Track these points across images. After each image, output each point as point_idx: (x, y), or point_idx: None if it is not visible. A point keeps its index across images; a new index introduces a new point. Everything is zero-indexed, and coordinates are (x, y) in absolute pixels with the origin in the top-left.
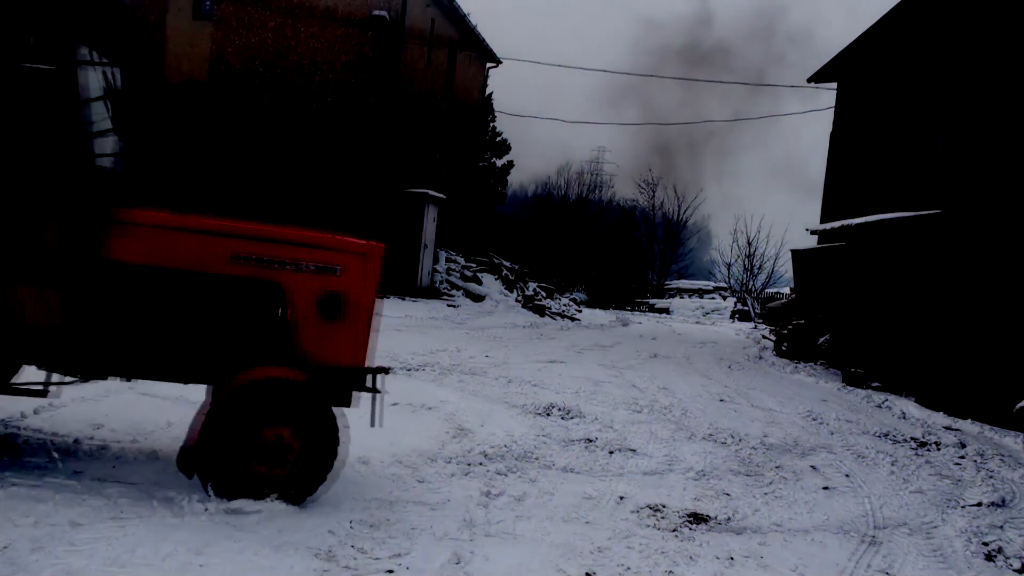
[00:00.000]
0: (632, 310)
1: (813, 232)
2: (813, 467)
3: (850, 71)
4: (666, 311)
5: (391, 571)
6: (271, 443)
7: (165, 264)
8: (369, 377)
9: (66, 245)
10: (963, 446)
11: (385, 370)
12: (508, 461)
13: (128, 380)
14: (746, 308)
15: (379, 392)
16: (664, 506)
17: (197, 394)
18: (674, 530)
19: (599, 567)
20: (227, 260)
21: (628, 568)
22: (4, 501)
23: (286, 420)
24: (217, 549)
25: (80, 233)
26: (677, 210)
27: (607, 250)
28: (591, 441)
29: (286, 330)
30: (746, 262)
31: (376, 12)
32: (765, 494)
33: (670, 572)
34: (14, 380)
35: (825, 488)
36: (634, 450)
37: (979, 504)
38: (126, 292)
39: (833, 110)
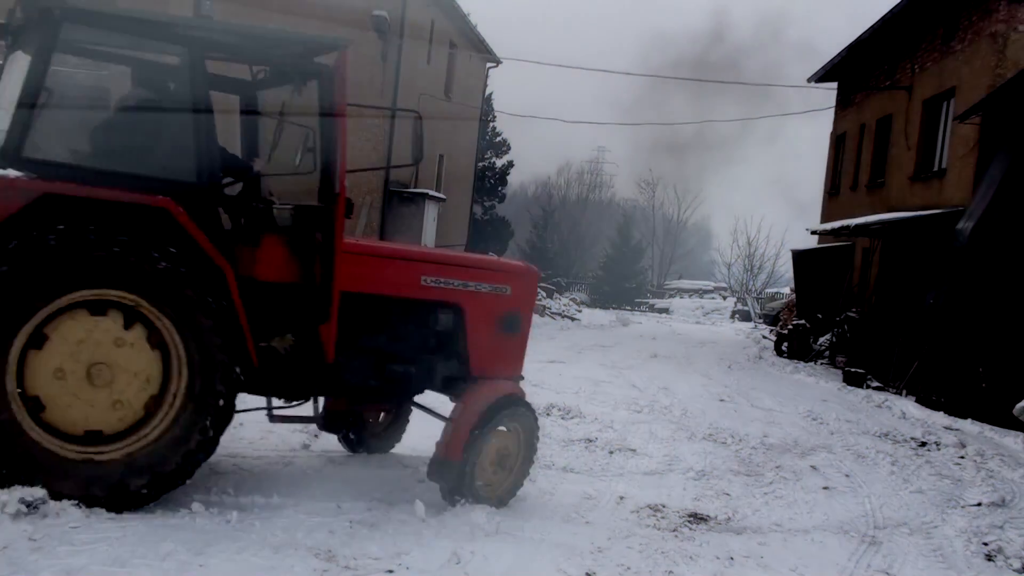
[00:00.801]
0: (632, 310)
1: (813, 232)
2: (813, 467)
3: (851, 71)
4: (666, 311)
5: (391, 571)
6: (504, 453)
7: (369, 291)
8: None
9: (322, 279)
10: (963, 446)
11: (521, 377)
12: None
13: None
14: (746, 308)
15: None
16: (664, 506)
17: None
18: (674, 530)
19: (599, 567)
20: (418, 285)
21: (628, 568)
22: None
23: (514, 431)
24: (217, 549)
25: (325, 266)
26: (677, 210)
27: (607, 250)
28: (591, 441)
29: (465, 347)
30: (746, 262)
31: (376, 12)
32: (765, 494)
33: (670, 572)
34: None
35: (825, 488)
36: (634, 450)
37: (979, 504)
38: (347, 318)
39: (833, 110)
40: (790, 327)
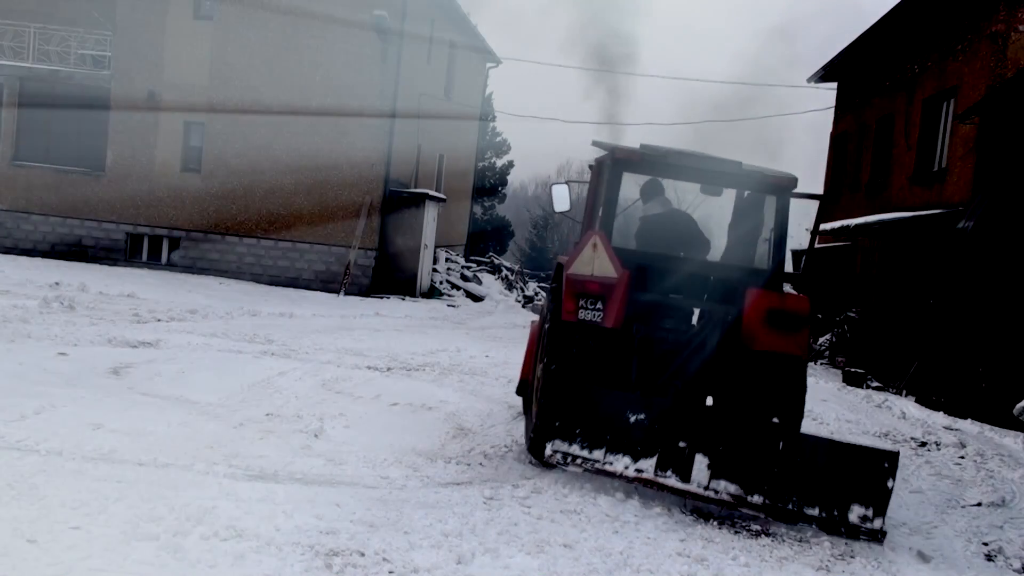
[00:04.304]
0: None
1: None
2: None
3: (851, 71)
4: None
5: (391, 572)
6: None
7: None
8: None
9: None
10: (963, 446)
11: None
12: (508, 462)
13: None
14: None
15: None
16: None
17: (197, 395)
18: (675, 529)
19: (600, 565)
20: None
21: (630, 567)
22: (4, 501)
23: None
24: None
25: None
26: None
27: None
28: None
29: None
30: None
31: (376, 12)
32: None
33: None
34: None
35: None
36: None
37: (979, 504)
38: None
39: (833, 110)
40: None
